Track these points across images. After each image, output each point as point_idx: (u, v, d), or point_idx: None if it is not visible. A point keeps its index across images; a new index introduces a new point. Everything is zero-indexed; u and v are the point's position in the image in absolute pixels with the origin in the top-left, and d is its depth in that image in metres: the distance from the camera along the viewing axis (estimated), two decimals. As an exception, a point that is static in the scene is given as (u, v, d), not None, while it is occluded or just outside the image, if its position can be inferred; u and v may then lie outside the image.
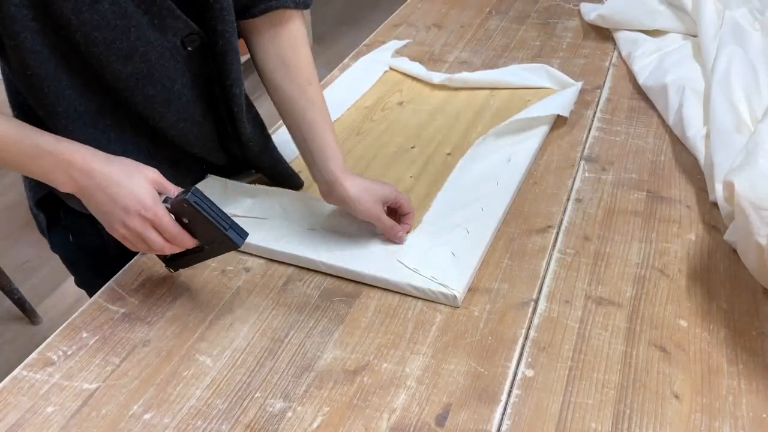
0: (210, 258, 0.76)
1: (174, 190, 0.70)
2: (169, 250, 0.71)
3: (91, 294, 0.81)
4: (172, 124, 0.80)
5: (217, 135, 0.87)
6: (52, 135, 0.68)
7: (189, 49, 0.77)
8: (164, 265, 0.79)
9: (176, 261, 0.78)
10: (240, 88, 0.83)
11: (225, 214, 0.70)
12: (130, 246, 0.71)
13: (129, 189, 0.67)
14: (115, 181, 0.67)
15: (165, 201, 0.69)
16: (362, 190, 0.80)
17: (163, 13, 0.72)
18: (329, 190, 0.81)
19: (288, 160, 0.97)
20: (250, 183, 0.94)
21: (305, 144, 0.83)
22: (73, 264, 0.96)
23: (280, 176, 0.94)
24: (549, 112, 1.05)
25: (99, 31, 0.69)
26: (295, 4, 0.81)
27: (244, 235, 0.70)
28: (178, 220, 0.70)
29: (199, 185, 0.90)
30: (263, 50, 0.83)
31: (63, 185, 0.68)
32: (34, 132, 0.67)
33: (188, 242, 0.71)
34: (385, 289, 0.78)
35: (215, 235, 0.70)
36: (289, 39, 0.82)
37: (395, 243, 0.82)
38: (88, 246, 0.89)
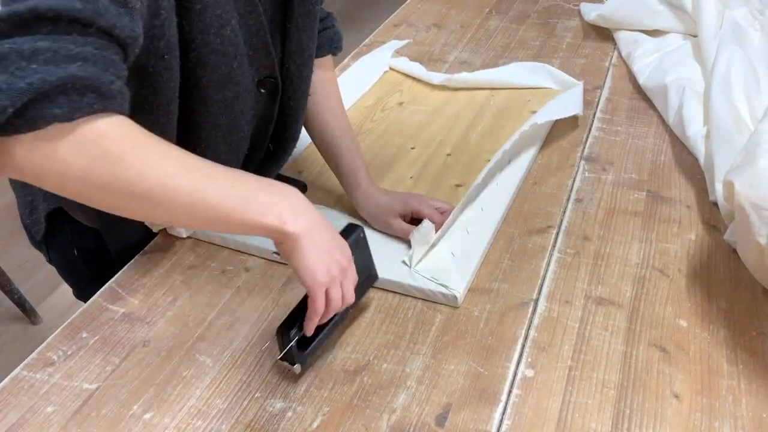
0: (334, 329, 0.70)
1: None
2: (331, 311, 0.65)
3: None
4: (217, 155, 0.77)
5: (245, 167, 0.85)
6: (259, 177, 0.62)
7: (262, 90, 0.78)
8: (296, 360, 0.66)
9: (305, 349, 0.67)
10: (300, 127, 0.87)
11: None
12: (322, 303, 0.63)
13: (330, 234, 0.64)
14: (322, 226, 0.63)
15: None
16: (373, 211, 0.85)
17: (259, 47, 0.73)
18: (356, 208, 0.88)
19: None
20: None
21: (336, 169, 0.89)
22: (73, 276, 0.95)
23: None
24: (566, 114, 1.04)
25: (214, 54, 0.68)
26: (333, 50, 0.92)
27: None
28: None
29: None
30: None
31: (272, 234, 0.60)
32: (238, 174, 0.60)
33: (351, 302, 0.66)
34: (385, 289, 0.78)
35: (368, 273, 0.72)
36: (326, 79, 0.90)
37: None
38: (93, 259, 0.89)
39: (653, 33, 1.33)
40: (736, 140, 0.91)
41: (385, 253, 0.80)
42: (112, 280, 0.81)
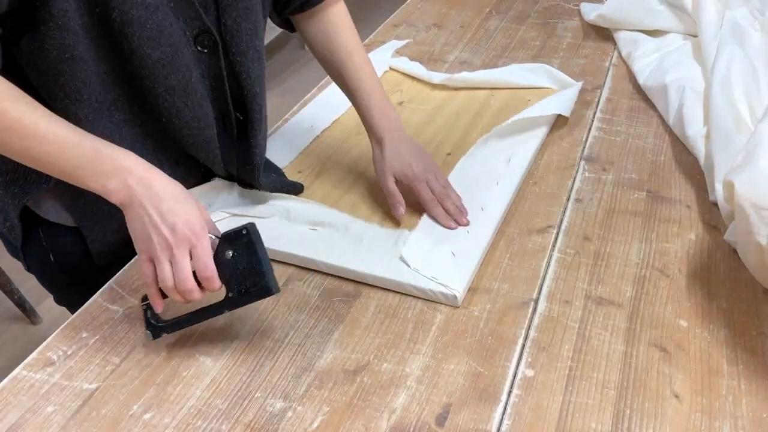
0: (210, 317, 0.69)
1: (218, 230, 0.69)
2: (189, 288, 0.65)
3: (72, 311, 0.79)
4: (186, 123, 0.79)
5: (222, 145, 0.85)
6: (106, 142, 0.66)
7: (199, 48, 0.77)
8: (147, 328, 0.71)
9: (163, 325, 0.71)
10: (261, 88, 0.84)
11: (269, 260, 0.67)
12: (148, 272, 0.66)
13: (183, 208, 0.65)
14: (172, 196, 0.65)
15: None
16: (380, 157, 0.88)
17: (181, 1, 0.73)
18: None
19: (287, 162, 0.97)
20: None
21: (357, 108, 0.92)
22: (52, 283, 0.94)
23: (279, 191, 0.91)
24: (550, 112, 1.05)
25: (135, 9, 0.68)
26: None
27: (278, 288, 0.67)
28: (216, 259, 0.66)
29: (205, 186, 0.90)
30: (311, 34, 0.94)
31: (114, 192, 0.65)
32: (91, 136, 0.65)
33: (216, 284, 0.66)
34: (385, 289, 0.78)
35: (254, 279, 0.66)
36: (331, 20, 0.92)
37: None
38: (69, 263, 0.87)
39: (653, 33, 1.33)
40: (736, 140, 0.91)
41: (384, 252, 0.81)
42: (112, 279, 0.81)
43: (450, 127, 1.09)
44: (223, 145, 0.85)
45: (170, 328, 0.71)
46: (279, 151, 1.02)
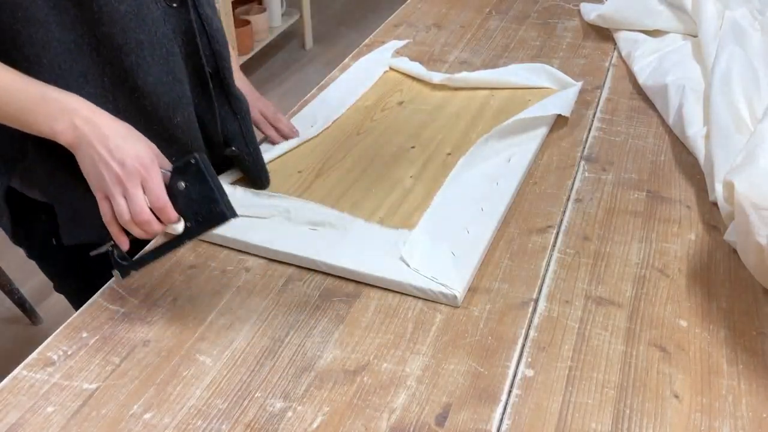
0: (173, 249, 0.71)
1: (169, 165, 0.70)
2: (146, 219, 0.67)
3: (72, 300, 0.78)
4: (159, 80, 0.78)
5: (200, 109, 0.86)
6: (53, 87, 0.68)
7: (167, 3, 0.77)
8: (115, 268, 0.73)
9: (128, 263, 0.72)
10: (225, 40, 0.85)
11: (223, 187, 0.69)
12: (106, 211, 0.68)
13: (131, 145, 0.67)
14: (119, 134, 0.67)
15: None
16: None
17: None
18: None
19: (287, 162, 0.97)
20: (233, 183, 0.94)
21: None
22: (54, 266, 0.94)
23: (254, 165, 0.93)
24: (550, 112, 1.06)
25: None
26: None
27: (234, 213, 0.68)
28: (169, 192, 0.68)
29: None
30: None
31: (62, 133, 0.67)
32: (38, 81, 0.68)
33: (171, 214, 0.68)
34: (385, 289, 0.78)
35: (208, 206, 0.67)
36: None
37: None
38: (74, 248, 0.86)
39: (653, 33, 1.33)
40: (736, 140, 0.91)
41: (384, 252, 0.81)
42: (113, 279, 0.81)
43: (450, 127, 1.09)
44: (200, 109, 0.86)
45: (137, 264, 0.72)
46: (278, 150, 1.02)
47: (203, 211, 0.68)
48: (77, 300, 0.81)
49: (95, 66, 0.75)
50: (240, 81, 0.97)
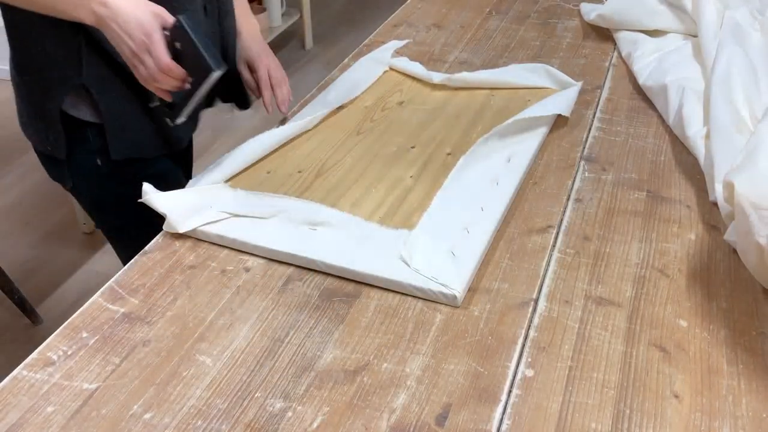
0: (198, 99, 0.84)
1: (167, 18, 0.81)
2: (161, 78, 0.81)
3: (112, 237, 0.94)
4: (183, 10, 0.89)
5: (206, 27, 1.01)
6: None
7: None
8: (165, 117, 0.89)
9: (175, 110, 0.87)
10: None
11: (212, 45, 0.80)
12: (140, 73, 0.82)
13: (134, 17, 0.79)
14: (123, 11, 0.79)
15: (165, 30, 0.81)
16: (238, 47, 1.09)
17: None
18: None
19: (287, 161, 0.96)
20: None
21: None
22: (98, 195, 1.03)
23: (234, 82, 1.09)
24: (550, 112, 1.06)
25: None
26: None
27: (221, 65, 0.79)
28: (176, 53, 0.81)
29: (205, 187, 0.91)
30: None
31: (86, 18, 0.81)
32: None
33: (176, 72, 0.80)
34: (385, 289, 0.78)
35: (197, 61, 0.79)
36: None
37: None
38: (116, 162, 0.98)
39: (653, 33, 1.33)
40: (736, 140, 0.91)
41: (384, 252, 0.81)
42: (112, 279, 0.81)
43: (450, 127, 1.09)
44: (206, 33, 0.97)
45: (180, 108, 0.87)
46: (279, 149, 1.02)
47: (196, 64, 0.79)
48: (115, 238, 0.99)
49: None
50: (254, 36, 1.10)
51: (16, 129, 1.04)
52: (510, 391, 0.66)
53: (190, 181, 0.94)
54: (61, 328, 0.74)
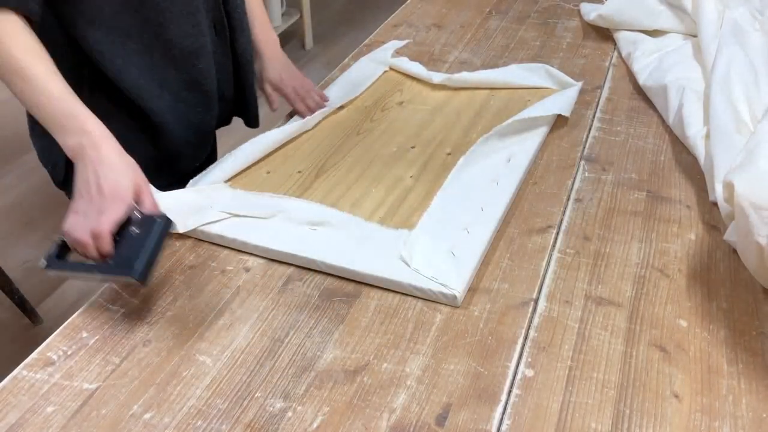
0: (85, 273, 0.73)
1: (148, 203, 0.75)
2: (86, 239, 0.72)
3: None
4: (185, 32, 0.93)
5: (217, 47, 1.02)
6: (85, 107, 0.77)
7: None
8: (44, 257, 0.75)
9: (60, 262, 0.75)
10: (239, 13, 1.03)
11: (156, 258, 0.71)
12: (69, 218, 0.74)
13: (115, 177, 0.74)
14: (112, 166, 0.74)
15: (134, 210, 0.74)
16: (259, 67, 1.13)
17: None
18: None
19: (287, 161, 0.96)
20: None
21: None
22: None
23: (248, 102, 1.12)
24: (550, 112, 1.06)
25: None
26: None
27: (142, 278, 0.69)
28: (121, 229, 0.72)
29: (207, 188, 0.91)
30: None
31: (69, 148, 0.76)
32: (73, 96, 0.77)
33: (102, 245, 0.71)
34: (385, 289, 0.78)
35: (129, 257, 0.70)
36: None
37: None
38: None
39: (653, 33, 1.33)
40: (736, 140, 0.91)
41: (384, 252, 0.81)
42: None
43: (450, 127, 1.09)
44: (216, 55, 1.01)
45: (61, 266, 0.74)
46: (279, 148, 1.02)
47: (125, 257, 0.70)
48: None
49: (136, 24, 0.89)
50: (276, 57, 1.14)
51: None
52: (510, 391, 0.66)
53: (191, 181, 0.94)
54: (61, 328, 0.74)
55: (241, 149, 0.99)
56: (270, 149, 1.01)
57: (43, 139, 0.97)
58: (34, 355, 0.71)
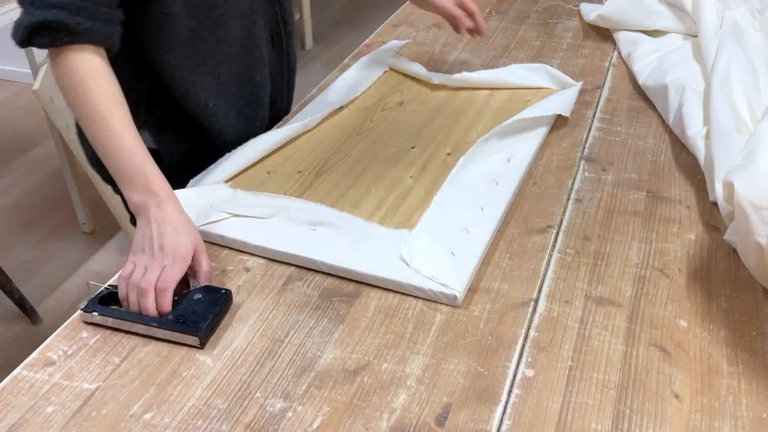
0: (139, 323, 0.72)
1: (204, 264, 0.77)
2: (146, 289, 0.72)
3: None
4: (243, 45, 0.99)
5: (272, 57, 1.08)
6: (153, 164, 0.79)
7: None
8: (89, 301, 0.75)
9: (102, 308, 0.74)
10: (289, 8, 1.09)
11: (217, 324, 0.74)
12: (127, 271, 0.75)
13: (177, 237, 0.75)
14: (175, 225, 0.76)
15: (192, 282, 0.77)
16: None
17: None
18: None
19: (287, 161, 0.97)
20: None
21: None
22: None
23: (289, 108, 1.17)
24: (550, 112, 1.06)
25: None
26: None
27: (203, 342, 0.71)
28: (184, 294, 0.75)
29: (208, 188, 0.91)
30: None
31: (134, 204, 0.78)
32: (144, 152, 0.79)
33: (165, 300, 0.72)
34: (385, 289, 0.78)
35: (195, 319, 0.72)
36: None
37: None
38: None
39: (653, 33, 1.33)
40: (736, 140, 0.91)
41: (384, 252, 0.81)
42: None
43: (450, 127, 1.09)
44: (271, 66, 1.07)
45: (106, 312, 0.74)
46: (279, 148, 1.02)
47: (189, 318, 0.72)
48: None
49: (210, 47, 0.95)
50: None
51: (16, 129, 1.04)
52: (510, 391, 0.66)
53: (191, 182, 0.94)
54: (61, 328, 0.74)
55: (241, 149, 0.99)
56: (270, 149, 1.01)
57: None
58: (34, 355, 0.71)
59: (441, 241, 0.82)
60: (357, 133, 1.08)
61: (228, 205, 0.89)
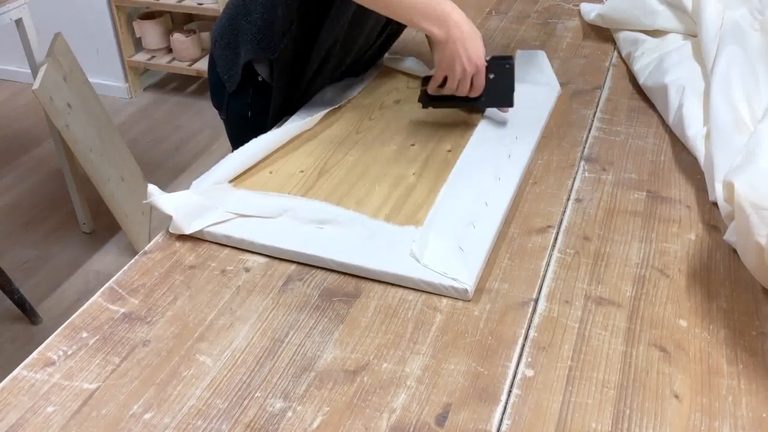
0: (461, 105, 1.06)
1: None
2: (468, 91, 1.01)
3: None
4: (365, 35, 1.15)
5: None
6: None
7: None
8: (420, 98, 1.06)
9: (432, 96, 1.05)
10: None
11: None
12: (439, 77, 1.01)
13: (476, 46, 0.97)
14: (472, 37, 0.97)
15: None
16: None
17: None
18: None
19: (288, 160, 0.97)
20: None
21: None
22: (239, 135, 1.11)
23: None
24: (543, 104, 1.08)
25: None
26: None
27: (512, 104, 1.03)
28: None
29: (211, 188, 0.91)
30: None
31: (436, 34, 0.96)
32: None
33: (481, 78, 0.99)
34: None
35: (503, 93, 1.02)
36: None
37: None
38: (260, 122, 1.11)
39: (653, 33, 1.33)
40: (736, 140, 0.91)
41: (392, 248, 0.81)
42: (112, 279, 0.81)
43: (448, 123, 1.09)
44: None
45: (437, 101, 1.06)
46: (280, 148, 1.02)
47: (497, 94, 1.02)
48: None
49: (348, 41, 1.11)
50: None
51: (16, 129, 1.04)
52: (510, 391, 0.66)
53: (194, 183, 0.93)
54: (61, 328, 0.74)
55: (243, 150, 0.99)
56: (271, 149, 1.01)
57: (227, 50, 1.10)
58: (34, 355, 0.71)
59: (449, 237, 0.82)
60: (356, 132, 1.08)
61: (234, 205, 0.89)
